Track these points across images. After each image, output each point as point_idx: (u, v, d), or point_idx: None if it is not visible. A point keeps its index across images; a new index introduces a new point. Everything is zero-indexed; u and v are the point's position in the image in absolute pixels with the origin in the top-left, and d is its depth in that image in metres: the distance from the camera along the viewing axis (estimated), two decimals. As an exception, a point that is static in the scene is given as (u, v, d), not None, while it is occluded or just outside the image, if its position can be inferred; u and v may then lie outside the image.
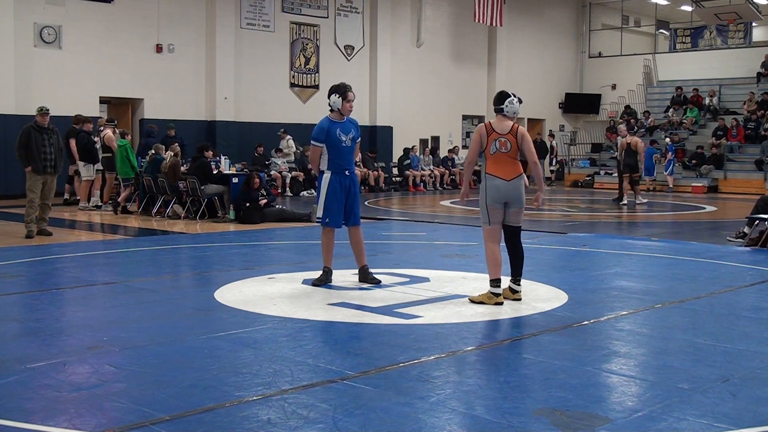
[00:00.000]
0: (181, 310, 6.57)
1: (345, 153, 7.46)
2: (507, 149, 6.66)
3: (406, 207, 18.29)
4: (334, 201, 7.43)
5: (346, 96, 7.41)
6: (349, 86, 7.56)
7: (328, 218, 7.45)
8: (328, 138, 7.39)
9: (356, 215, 7.61)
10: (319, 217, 7.52)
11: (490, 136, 6.65)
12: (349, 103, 7.43)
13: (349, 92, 7.46)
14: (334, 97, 7.42)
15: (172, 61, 20.26)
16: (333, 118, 7.46)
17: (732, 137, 25.18)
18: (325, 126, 7.42)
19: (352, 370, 4.75)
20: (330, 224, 7.49)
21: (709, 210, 17.63)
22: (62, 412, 4.02)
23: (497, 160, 6.66)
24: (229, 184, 14.10)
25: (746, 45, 28.89)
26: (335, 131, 7.40)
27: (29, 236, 10.96)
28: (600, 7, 31.99)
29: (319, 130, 7.42)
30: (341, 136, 7.41)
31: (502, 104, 6.71)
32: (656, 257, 9.88)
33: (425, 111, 26.01)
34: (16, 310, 6.69)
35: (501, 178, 6.64)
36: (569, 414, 4.04)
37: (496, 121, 6.71)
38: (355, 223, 7.60)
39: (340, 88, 7.47)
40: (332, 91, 7.49)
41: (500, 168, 6.65)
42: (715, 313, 6.62)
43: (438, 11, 26.30)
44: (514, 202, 6.73)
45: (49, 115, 11.19)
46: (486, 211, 6.68)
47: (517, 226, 6.86)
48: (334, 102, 7.42)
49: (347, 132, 7.47)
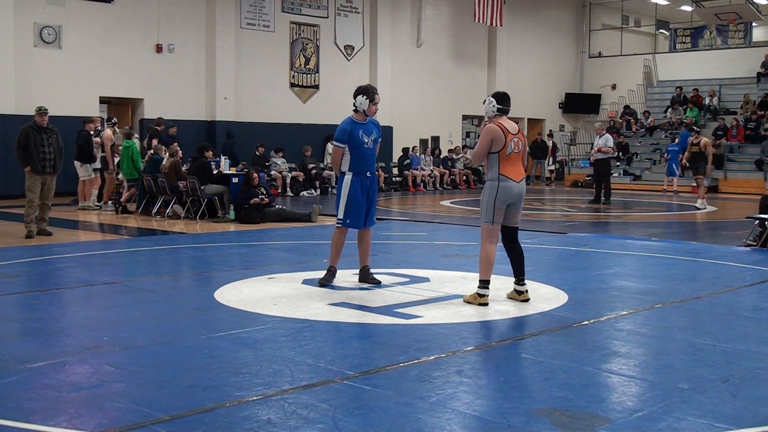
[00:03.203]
0: (181, 310, 6.57)
1: (367, 154, 7.43)
2: (519, 149, 6.69)
3: (406, 207, 18.29)
4: (355, 203, 7.39)
5: (374, 99, 7.40)
6: (376, 89, 7.57)
7: (349, 219, 7.43)
8: (350, 139, 7.35)
9: (373, 217, 7.62)
10: (340, 218, 7.48)
11: (507, 137, 6.62)
12: (375, 106, 7.42)
13: (377, 95, 7.45)
14: (361, 98, 7.37)
15: (172, 61, 20.26)
16: (356, 119, 7.43)
17: (732, 137, 25.19)
18: (347, 127, 7.38)
19: (352, 370, 4.75)
20: (351, 225, 7.46)
21: (709, 210, 17.63)
22: (62, 412, 4.02)
23: (511, 160, 6.65)
24: (229, 184, 14.10)
25: (746, 45, 28.88)
26: (358, 132, 7.37)
27: (29, 236, 10.95)
28: (600, 7, 31.99)
29: (342, 132, 7.39)
30: (364, 137, 7.39)
31: (508, 104, 6.72)
32: (656, 257, 9.88)
33: (425, 111, 26.01)
34: (16, 310, 6.68)
35: (513, 180, 6.64)
36: (569, 414, 4.04)
37: (504, 122, 6.70)
38: (370, 224, 7.61)
39: (368, 90, 7.44)
40: (359, 92, 7.42)
41: (513, 169, 6.65)
42: (715, 313, 6.62)
43: (438, 11, 26.30)
44: (518, 203, 6.75)
45: (47, 115, 11.18)
46: (492, 211, 6.65)
47: (517, 226, 6.87)
48: (360, 103, 7.37)
49: (369, 133, 7.45)
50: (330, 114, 21.80)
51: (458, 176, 24.54)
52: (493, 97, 6.74)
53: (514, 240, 6.85)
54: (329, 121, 21.35)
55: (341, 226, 7.51)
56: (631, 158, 26.27)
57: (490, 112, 6.71)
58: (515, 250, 6.83)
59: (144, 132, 18.72)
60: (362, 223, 7.50)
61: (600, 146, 17.90)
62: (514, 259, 6.84)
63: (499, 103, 6.69)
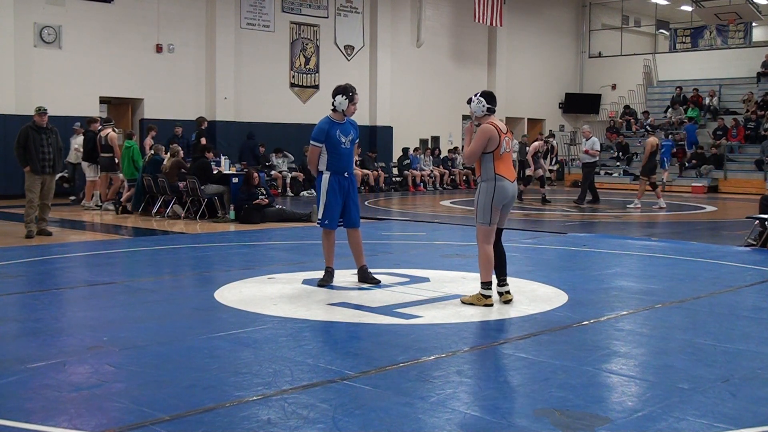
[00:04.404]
0: (181, 310, 6.57)
1: (344, 154, 7.43)
2: (509, 148, 6.69)
3: (406, 207, 18.29)
4: (332, 202, 7.40)
5: (353, 99, 7.40)
6: (355, 88, 7.54)
7: (327, 220, 7.44)
8: (327, 139, 7.36)
9: (354, 217, 7.56)
10: (320, 218, 7.49)
11: (502, 137, 6.61)
12: (354, 106, 7.42)
13: (356, 95, 7.45)
14: (340, 98, 7.37)
15: (172, 61, 20.26)
16: (334, 118, 7.43)
17: (732, 137, 25.19)
18: (324, 127, 7.39)
19: (352, 370, 4.75)
20: (328, 226, 7.46)
21: (709, 210, 17.63)
22: (62, 412, 4.02)
23: (504, 160, 6.64)
24: (229, 184, 14.10)
25: (746, 45, 28.89)
26: (335, 132, 7.37)
27: (29, 236, 10.95)
28: (600, 7, 31.99)
29: (319, 131, 7.39)
30: (341, 137, 7.39)
31: (495, 104, 6.71)
32: (656, 257, 9.88)
33: (425, 111, 26.01)
34: (16, 310, 6.68)
35: (508, 180, 6.64)
36: (569, 414, 4.04)
37: (495, 121, 6.70)
38: (353, 225, 7.57)
39: (347, 89, 7.42)
40: (338, 91, 7.42)
41: (507, 169, 6.66)
42: (715, 313, 6.62)
43: (438, 11, 26.30)
44: (511, 204, 6.77)
45: (47, 115, 11.18)
46: (489, 212, 6.62)
47: (503, 227, 6.88)
48: (339, 103, 7.38)
49: (347, 133, 7.45)
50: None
51: (458, 176, 24.54)
52: (482, 96, 6.69)
53: (498, 241, 6.83)
54: (329, 121, 21.30)
55: (320, 225, 7.52)
56: (631, 158, 26.26)
57: (479, 111, 6.67)
58: (499, 251, 6.81)
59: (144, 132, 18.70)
60: (336, 224, 7.47)
61: (587, 148, 17.96)
62: (500, 260, 6.81)
63: (488, 103, 6.67)
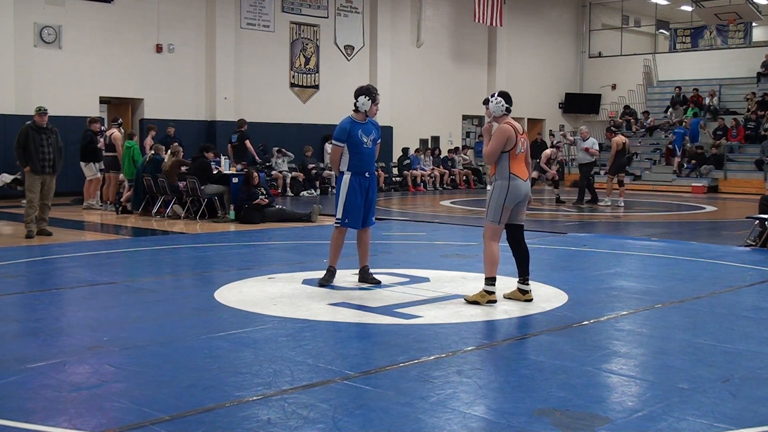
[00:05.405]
0: (181, 310, 6.57)
1: (366, 154, 7.44)
2: (524, 149, 6.74)
3: (406, 207, 18.29)
4: (354, 202, 7.40)
5: (375, 99, 7.44)
6: (377, 89, 7.62)
7: (348, 219, 7.44)
8: (349, 139, 7.37)
9: (371, 217, 7.63)
10: (339, 218, 7.49)
11: (518, 137, 6.64)
12: (376, 106, 7.46)
13: (378, 96, 7.50)
14: (363, 98, 7.39)
15: (172, 61, 20.25)
16: (356, 118, 7.45)
17: (732, 137, 25.19)
18: (347, 127, 7.40)
19: (352, 370, 4.75)
20: (349, 225, 7.48)
21: (709, 210, 17.62)
22: (62, 412, 4.02)
23: (518, 159, 6.68)
24: (229, 184, 14.10)
25: (746, 45, 28.88)
26: (357, 132, 7.38)
27: (29, 236, 10.95)
28: (600, 7, 31.98)
29: (341, 131, 7.40)
30: (363, 137, 7.40)
31: (512, 104, 6.74)
32: (656, 257, 9.88)
33: (425, 111, 26.00)
34: (16, 310, 6.69)
35: (522, 179, 6.67)
36: (569, 414, 4.04)
37: (512, 121, 6.74)
38: (369, 225, 7.62)
39: (370, 91, 7.47)
40: (361, 92, 7.45)
41: (521, 168, 6.70)
42: (715, 313, 6.62)
43: (438, 11, 26.29)
44: (525, 202, 6.80)
45: (47, 115, 11.17)
46: (501, 211, 6.65)
47: (522, 224, 6.88)
48: (362, 104, 7.40)
49: (369, 133, 7.46)
50: (330, 114, 21.78)
51: (458, 176, 24.54)
52: (500, 95, 6.74)
53: (521, 240, 6.85)
54: (329, 121, 21.34)
55: (340, 225, 7.51)
56: (631, 158, 26.24)
57: (498, 111, 6.71)
58: (522, 250, 6.83)
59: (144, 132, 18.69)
60: (360, 224, 7.50)
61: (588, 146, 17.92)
62: (520, 259, 6.83)
63: (506, 103, 6.72)
